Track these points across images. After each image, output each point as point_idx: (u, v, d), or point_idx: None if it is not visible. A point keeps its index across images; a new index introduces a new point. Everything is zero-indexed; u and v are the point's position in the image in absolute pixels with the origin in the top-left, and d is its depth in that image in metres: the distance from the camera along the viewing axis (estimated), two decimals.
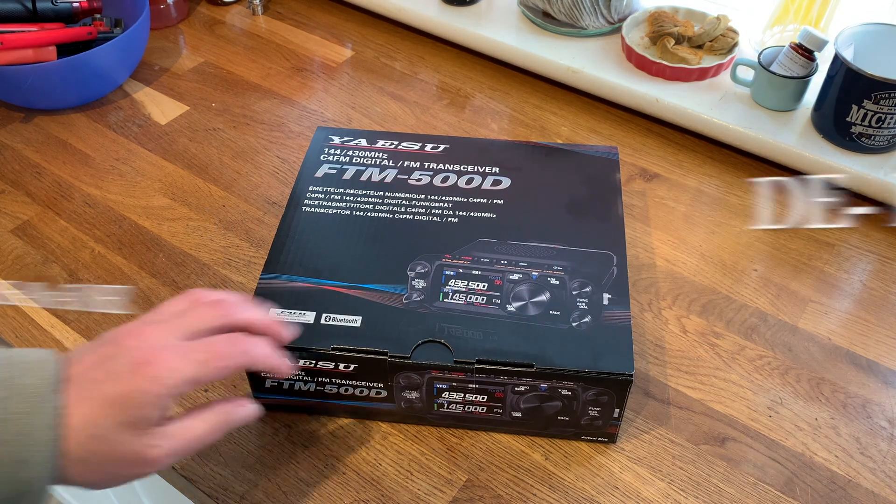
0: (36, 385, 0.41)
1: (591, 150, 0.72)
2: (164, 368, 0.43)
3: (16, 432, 0.39)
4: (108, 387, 0.42)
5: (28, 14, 0.87)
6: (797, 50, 0.80)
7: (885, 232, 0.76)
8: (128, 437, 0.42)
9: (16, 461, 0.39)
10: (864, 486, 0.57)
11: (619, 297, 0.58)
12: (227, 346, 0.45)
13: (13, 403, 0.40)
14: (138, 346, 0.43)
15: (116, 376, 0.42)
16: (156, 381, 0.42)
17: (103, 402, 0.42)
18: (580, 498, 0.56)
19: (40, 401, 0.41)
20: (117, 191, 0.80)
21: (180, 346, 0.44)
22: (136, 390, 0.42)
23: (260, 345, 0.47)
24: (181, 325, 0.45)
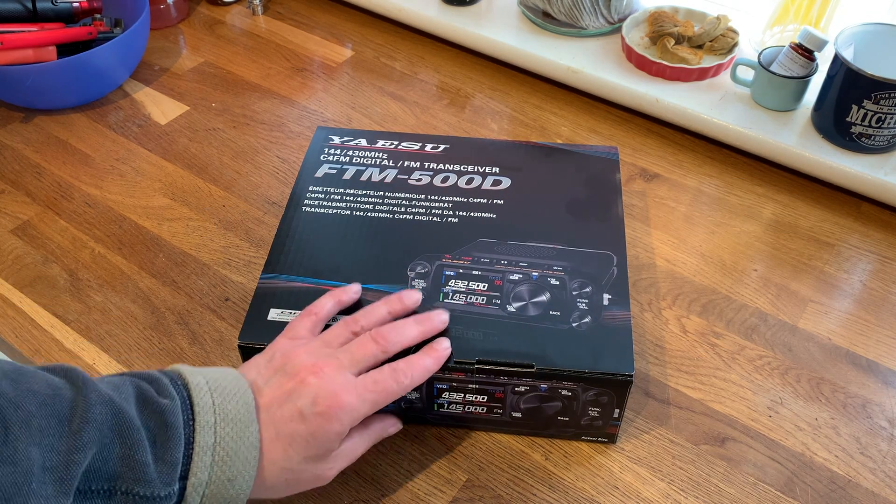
0: (240, 411, 0.46)
1: (591, 150, 0.72)
2: (345, 410, 0.48)
3: (225, 454, 0.45)
4: (295, 426, 0.47)
5: (28, 14, 0.87)
6: (797, 50, 0.80)
7: (885, 232, 0.76)
8: (311, 465, 0.49)
9: (226, 479, 0.45)
10: (864, 486, 0.57)
11: (619, 297, 0.58)
12: (392, 383, 0.50)
13: (222, 426, 0.45)
14: (321, 385, 0.48)
15: (303, 417, 0.47)
16: (337, 421, 0.48)
17: (293, 440, 0.47)
18: (580, 498, 0.56)
19: (245, 426, 0.46)
20: (117, 191, 0.80)
21: (355, 385, 0.49)
22: (320, 430, 0.47)
23: (419, 368, 0.52)
24: (351, 361, 0.50)
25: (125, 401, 0.43)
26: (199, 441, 0.44)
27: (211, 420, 0.45)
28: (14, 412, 0.39)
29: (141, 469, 0.41)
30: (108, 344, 0.66)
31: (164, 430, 0.43)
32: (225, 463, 0.44)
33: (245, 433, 0.45)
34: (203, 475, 0.44)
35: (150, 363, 0.65)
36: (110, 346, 0.66)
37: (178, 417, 0.44)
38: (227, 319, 0.68)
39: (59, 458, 0.39)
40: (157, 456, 0.42)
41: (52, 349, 0.66)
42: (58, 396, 0.41)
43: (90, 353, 0.65)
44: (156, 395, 0.45)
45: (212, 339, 0.66)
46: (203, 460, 0.44)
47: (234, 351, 0.65)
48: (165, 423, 0.43)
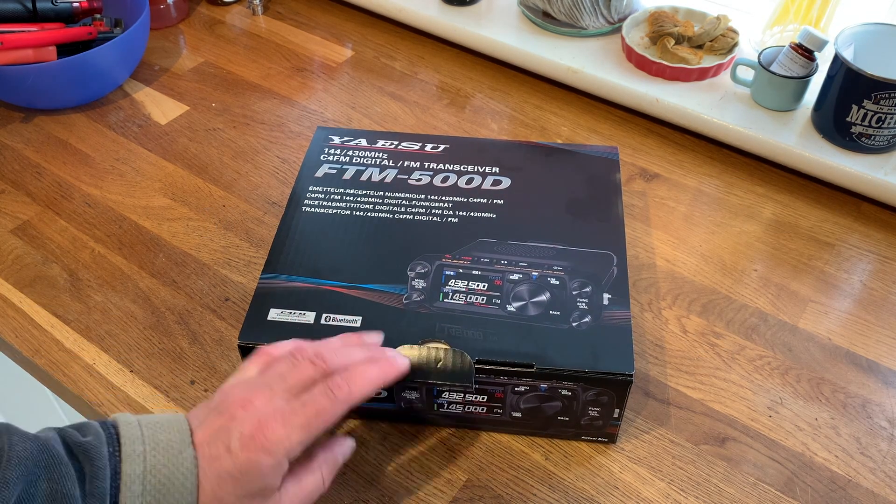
0: (172, 439, 0.44)
1: (591, 150, 0.72)
2: (272, 441, 0.44)
3: (157, 482, 0.43)
4: (225, 463, 0.44)
5: (28, 14, 0.87)
6: (797, 50, 0.80)
7: (885, 232, 0.76)
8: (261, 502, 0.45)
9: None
10: (864, 486, 0.57)
11: (619, 297, 0.58)
12: (325, 400, 0.46)
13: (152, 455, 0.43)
14: (246, 416, 0.45)
15: (231, 452, 0.44)
16: (267, 452, 0.44)
17: (224, 478, 0.44)
18: (580, 498, 0.56)
19: (177, 452, 0.44)
20: (117, 191, 0.80)
21: (284, 411, 0.46)
22: (251, 465, 0.44)
23: (360, 379, 0.48)
24: (285, 388, 0.47)
25: (50, 439, 0.42)
26: (126, 470, 0.42)
27: (139, 449, 0.43)
28: None
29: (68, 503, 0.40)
30: (108, 344, 0.66)
31: (89, 463, 0.42)
32: (158, 491, 0.42)
33: (178, 459, 0.43)
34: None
35: (150, 363, 0.65)
36: (110, 346, 0.66)
37: (102, 449, 0.43)
38: (227, 319, 0.68)
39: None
40: (85, 490, 0.41)
41: (51, 349, 0.66)
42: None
43: (90, 353, 0.65)
44: (79, 436, 0.43)
45: (212, 339, 0.66)
46: (132, 490, 0.42)
47: (234, 351, 0.65)
48: (89, 458, 0.42)
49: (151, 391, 0.63)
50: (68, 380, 0.64)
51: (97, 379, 0.64)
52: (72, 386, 0.63)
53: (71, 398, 0.64)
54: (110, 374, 0.64)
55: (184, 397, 0.62)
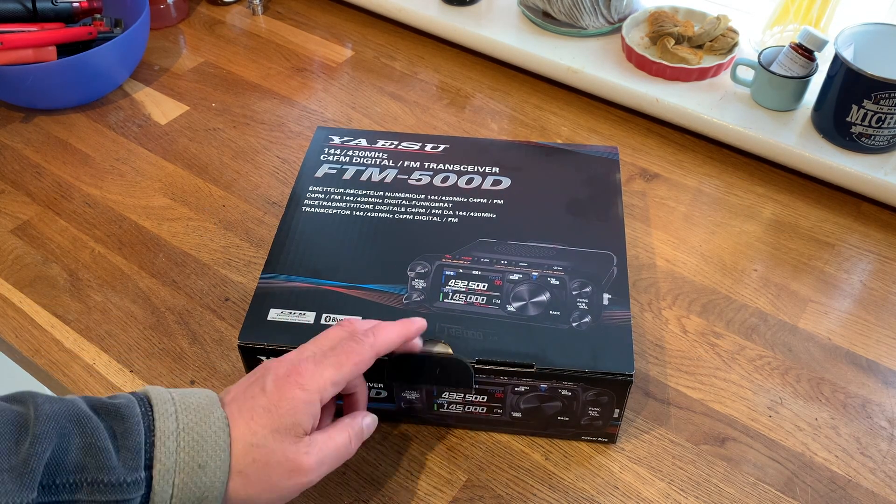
0: (202, 402, 0.46)
1: (591, 150, 0.72)
2: (306, 376, 0.47)
3: (190, 439, 0.44)
4: (260, 400, 0.46)
5: (28, 14, 0.87)
6: (797, 50, 0.80)
7: (885, 232, 0.76)
8: (282, 443, 0.46)
9: (196, 465, 0.43)
10: (864, 486, 0.57)
11: (619, 297, 0.58)
12: (355, 344, 0.49)
13: (184, 415, 0.44)
14: (280, 365, 0.48)
15: (265, 391, 0.46)
16: (302, 387, 0.46)
17: (258, 413, 0.46)
18: (580, 498, 0.56)
19: (208, 412, 0.45)
20: (117, 191, 0.80)
21: (314, 356, 0.48)
22: (285, 398, 0.46)
23: (383, 331, 0.51)
24: (313, 346, 0.50)
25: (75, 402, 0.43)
26: (161, 426, 0.43)
27: (171, 409, 0.44)
28: None
29: (103, 456, 0.41)
30: (108, 344, 0.66)
31: (120, 421, 0.43)
32: (192, 448, 0.43)
33: (209, 418, 0.45)
34: (169, 461, 0.43)
35: (150, 363, 0.65)
36: (110, 346, 0.66)
37: (135, 409, 0.44)
38: (227, 319, 0.68)
39: (17, 458, 0.39)
40: (118, 445, 0.42)
41: (51, 349, 0.66)
42: (7, 410, 0.41)
43: (90, 353, 0.65)
44: (107, 399, 0.45)
45: (212, 339, 0.66)
46: (167, 445, 0.43)
47: (234, 351, 0.65)
48: (121, 415, 0.43)
49: None
50: (68, 380, 0.64)
51: (97, 379, 0.64)
52: (72, 386, 0.63)
53: None
54: (110, 374, 0.64)
55: None
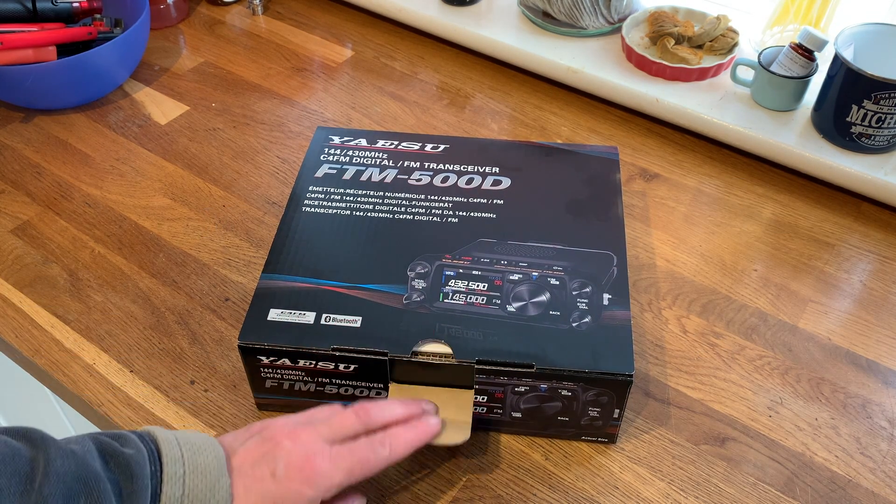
0: (210, 464, 0.45)
1: (591, 150, 0.72)
2: (318, 474, 0.47)
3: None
4: (269, 486, 0.46)
5: (28, 14, 0.87)
6: (797, 50, 0.80)
7: (885, 232, 0.76)
8: None
9: None
10: (864, 486, 0.57)
11: (619, 297, 0.58)
12: (369, 453, 0.49)
13: (190, 478, 0.44)
14: (294, 448, 0.47)
15: (275, 478, 0.46)
16: (310, 484, 0.46)
17: (266, 500, 0.46)
18: (580, 498, 0.56)
19: (215, 479, 0.45)
20: (117, 191, 0.80)
21: (330, 452, 0.48)
22: (293, 492, 0.46)
23: (398, 441, 0.50)
24: (328, 430, 0.49)
25: (87, 453, 0.42)
26: (167, 492, 0.43)
27: (180, 471, 0.44)
28: None
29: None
30: (108, 344, 0.66)
31: (129, 481, 0.42)
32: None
33: (216, 486, 0.44)
34: None
35: (150, 363, 0.65)
36: (110, 346, 0.66)
37: (145, 468, 0.43)
38: (227, 319, 0.68)
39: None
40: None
41: (51, 349, 0.66)
42: (17, 456, 0.40)
43: (90, 353, 0.65)
44: (119, 447, 0.44)
45: (212, 339, 0.66)
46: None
47: (234, 351, 0.65)
48: (131, 475, 0.42)
49: (151, 391, 0.63)
50: (68, 380, 0.64)
51: (97, 379, 0.64)
52: (72, 386, 0.63)
53: (71, 398, 0.64)
54: (110, 374, 0.64)
55: (184, 397, 0.62)
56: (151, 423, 0.61)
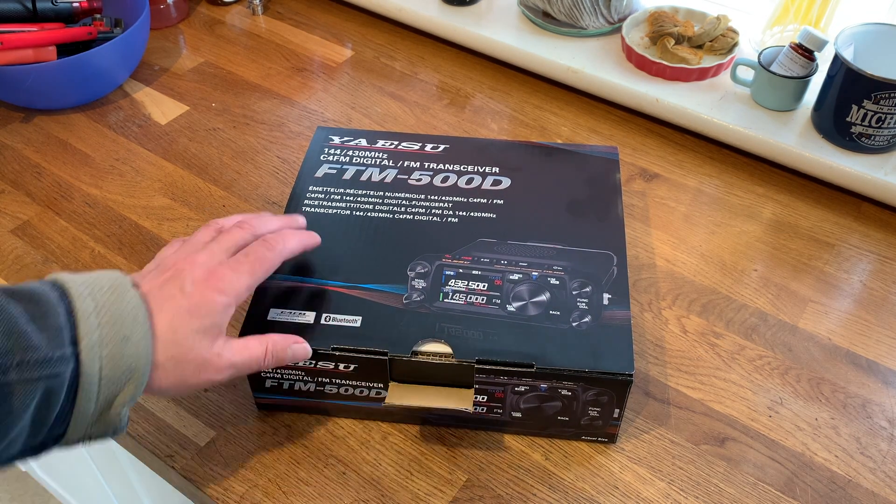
0: (114, 281, 0.46)
1: (591, 150, 0.72)
2: (224, 281, 0.50)
3: (110, 316, 0.44)
4: (181, 300, 0.48)
5: (28, 14, 0.87)
6: (797, 50, 0.80)
7: (885, 232, 0.76)
8: (200, 342, 0.48)
9: (119, 338, 0.44)
10: (864, 486, 0.57)
11: (620, 297, 0.58)
12: (264, 250, 0.53)
13: (99, 294, 0.45)
14: (195, 267, 0.50)
15: (185, 292, 0.48)
16: (220, 291, 0.49)
17: (180, 312, 0.48)
18: (580, 498, 0.56)
19: (122, 292, 0.46)
20: (117, 191, 0.80)
21: (229, 262, 0.51)
22: (206, 301, 0.48)
23: (289, 237, 0.55)
24: (221, 247, 0.52)
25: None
26: (79, 306, 0.44)
27: (85, 291, 0.45)
28: None
29: (24, 338, 0.41)
30: None
31: (35, 304, 0.43)
32: (114, 323, 0.44)
33: (125, 297, 0.46)
34: (93, 336, 0.43)
35: None
36: None
37: (49, 293, 0.44)
38: None
39: None
40: (38, 326, 0.42)
41: None
42: None
43: None
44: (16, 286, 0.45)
45: None
46: (89, 322, 0.44)
47: None
48: (36, 300, 0.43)
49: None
50: None
51: None
52: None
53: None
54: None
55: (183, 397, 0.62)
56: (151, 423, 0.61)
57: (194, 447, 0.59)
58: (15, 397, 0.41)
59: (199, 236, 0.54)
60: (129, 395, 0.45)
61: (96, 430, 0.46)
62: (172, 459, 0.58)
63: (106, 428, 0.46)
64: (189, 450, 0.59)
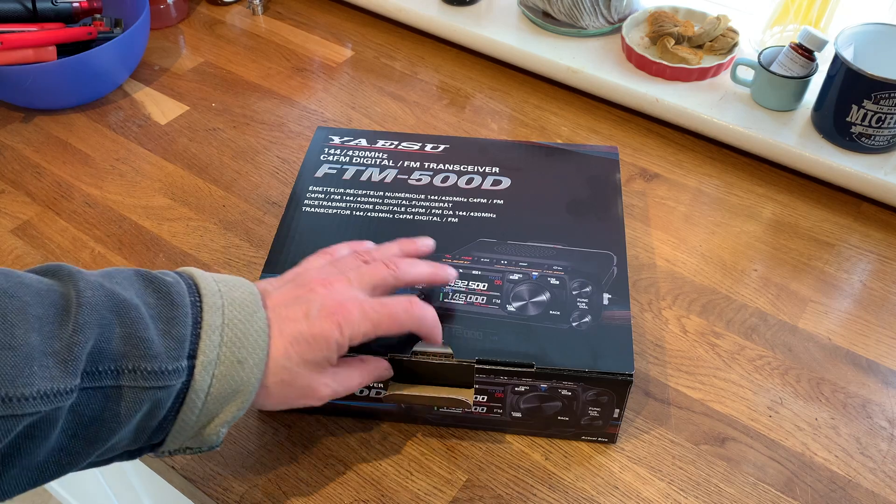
0: (246, 299, 0.46)
1: (591, 150, 0.72)
2: (348, 321, 0.48)
3: (234, 335, 0.44)
4: (302, 326, 0.47)
5: (28, 14, 0.87)
6: (797, 50, 0.80)
7: (885, 232, 0.76)
8: (307, 372, 0.48)
9: (235, 361, 0.44)
10: (864, 487, 0.57)
11: (620, 296, 0.58)
12: (401, 312, 0.50)
13: (229, 310, 0.45)
14: (328, 294, 0.49)
15: (308, 318, 0.47)
16: (340, 329, 0.48)
17: (298, 340, 0.47)
18: (580, 498, 0.56)
19: (251, 311, 0.46)
20: (117, 191, 0.80)
21: (363, 302, 0.49)
22: (324, 334, 0.47)
23: (429, 314, 0.52)
24: (362, 280, 0.51)
25: (118, 285, 0.43)
26: (207, 320, 0.44)
27: (218, 302, 0.45)
28: (9, 301, 0.38)
29: (144, 345, 0.41)
30: None
31: (169, 307, 0.43)
32: (234, 344, 0.44)
33: (253, 318, 0.45)
34: (212, 354, 0.43)
35: None
36: None
37: (185, 298, 0.44)
38: None
39: (61, 343, 0.38)
40: (163, 331, 0.42)
41: None
42: (51, 290, 0.41)
43: None
44: (159, 275, 0.45)
45: None
46: (212, 339, 0.43)
47: None
48: (172, 302, 0.43)
49: None
50: None
51: None
52: None
53: None
54: None
55: None
56: None
57: None
58: (124, 403, 0.41)
59: (347, 261, 0.53)
60: (231, 415, 0.45)
61: (193, 444, 0.46)
62: (172, 459, 0.58)
63: (202, 443, 0.46)
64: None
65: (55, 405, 0.37)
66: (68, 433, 0.39)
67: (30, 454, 0.38)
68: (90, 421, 0.40)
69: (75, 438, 0.40)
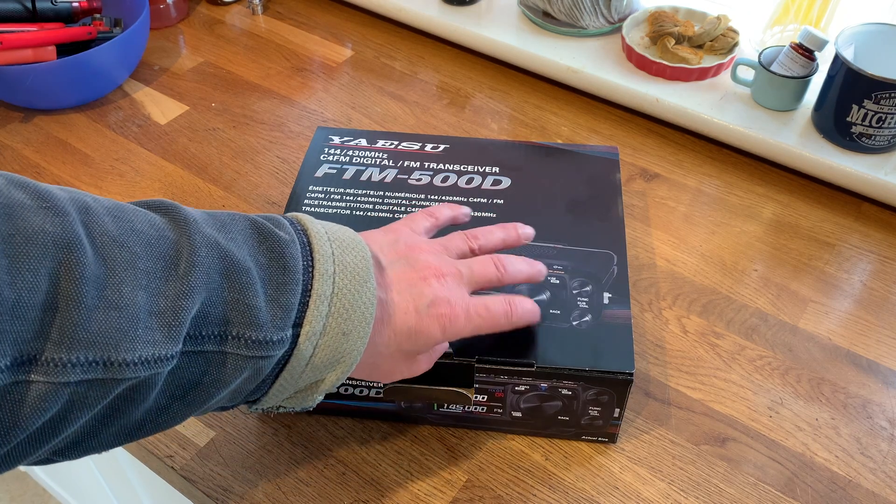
0: (358, 265, 0.44)
1: (591, 150, 0.72)
2: (453, 324, 0.48)
3: (341, 307, 0.43)
4: (409, 320, 0.47)
5: (28, 14, 0.87)
6: (797, 50, 0.80)
7: (885, 232, 0.76)
8: (399, 360, 0.49)
9: (340, 333, 0.43)
10: (864, 487, 0.57)
11: (620, 296, 0.58)
12: (502, 316, 0.50)
13: (340, 277, 0.43)
14: (441, 290, 0.48)
15: (419, 313, 0.47)
16: (443, 330, 0.48)
17: (402, 330, 0.47)
18: (580, 498, 0.56)
19: (362, 281, 0.44)
20: (117, 191, 0.80)
21: (469, 304, 0.49)
22: (427, 332, 0.47)
23: (527, 312, 0.52)
24: (472, 278, 0.51)
25: (232, 241, 0.40)
26: (317, 289, 0.42)
27: (330, 269, 0.43)
28: (119, 252, 0.36)
29: (252, 313, 0.39)
30: None
31: (281, 272, 0.41)
32: (341, 315, 0.42)
33: (363, 289, 0.43)
34: (318, 325, 0.42)
35: None
36: None
37: (298, 262, 0.42)
38: None
39: (167, 303, 0.36)
40: (272, 298, 0.40)
41: None
42: (162, 238, 0.38)
43: None
44: (274, 229, 0.42)
45: None
46: (319, 309, 0.42)
47: None
48: (284, 266, 0.41)
49: None
50: None
51: None
52: None
53: None
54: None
55: None
56: None
57: (194, 447, 0.59)
58: (225, 368, 0.39)
59: (457, 243, 0.53)
60: (329, 383, 0.44)
61: (289, 403, 0.45)
62: (172, 459, 0.58)
63: (297, 403, 0.45)
64: (188, 450, 0.59)
65: (155, 370, 0.36)
66: (167, 394, 0.38)
67: (127, 414, 0.37)
68: (189, 384, 0.39)
69: (173, 399, 0.39)
